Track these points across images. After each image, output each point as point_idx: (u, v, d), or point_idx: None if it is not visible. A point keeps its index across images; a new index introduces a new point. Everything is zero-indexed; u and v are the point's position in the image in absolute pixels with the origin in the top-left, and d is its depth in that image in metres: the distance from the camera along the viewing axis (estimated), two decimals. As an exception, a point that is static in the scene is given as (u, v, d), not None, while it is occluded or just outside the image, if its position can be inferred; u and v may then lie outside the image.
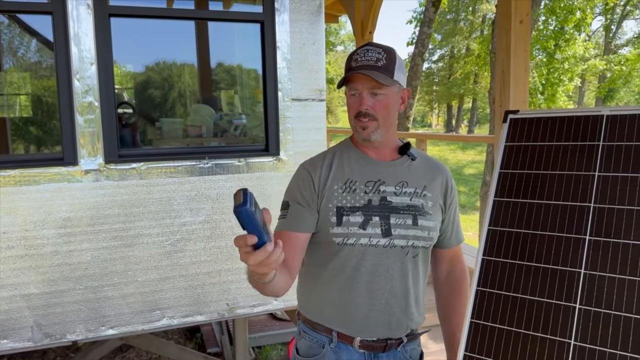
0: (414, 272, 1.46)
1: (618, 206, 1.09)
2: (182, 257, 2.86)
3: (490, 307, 1.15)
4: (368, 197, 1.42)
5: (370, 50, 1.40)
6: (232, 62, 4.29)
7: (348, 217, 1.40)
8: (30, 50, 3.36)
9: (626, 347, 0.99)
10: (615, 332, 1.01)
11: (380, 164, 1.48)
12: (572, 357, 1.04)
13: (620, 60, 21.63)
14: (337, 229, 1.41)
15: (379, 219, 1.41)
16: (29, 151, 3.80)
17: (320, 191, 1.44)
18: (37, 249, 2.60)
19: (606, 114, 1.19)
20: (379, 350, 1.46)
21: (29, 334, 2.64)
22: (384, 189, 1.44)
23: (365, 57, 1.38)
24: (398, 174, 1.47)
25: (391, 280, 1.43)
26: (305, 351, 1.53)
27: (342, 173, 1.46)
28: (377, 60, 1.37)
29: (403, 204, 1.43)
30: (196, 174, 2.84)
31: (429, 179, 1.50)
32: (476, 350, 1.13)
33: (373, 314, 1.44)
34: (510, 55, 3.43)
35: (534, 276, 1.12)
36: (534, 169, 1.21)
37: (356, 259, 1.42)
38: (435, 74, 34.37)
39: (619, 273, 1.05)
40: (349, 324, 1.45)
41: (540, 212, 1.17)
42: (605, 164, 1.14)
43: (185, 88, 4.37)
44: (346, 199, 1.42)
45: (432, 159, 1.59)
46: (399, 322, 1.46)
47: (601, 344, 1.02)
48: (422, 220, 1.44)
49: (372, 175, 1.46)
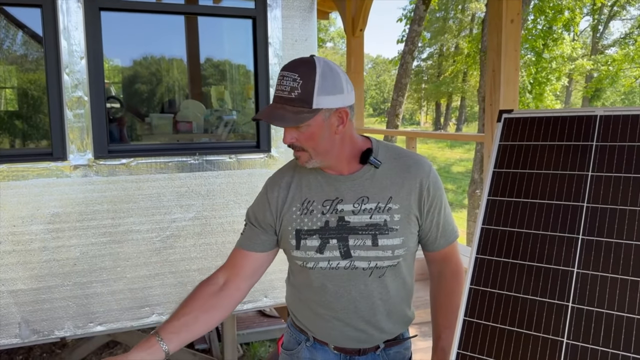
0: (382, 290, 1.39)
1: (611, 206, 1.10)
2: (172, 254, 2.84)
3: (484, 305, 1.16)
4: (325, 219, 1.34)
5: (285, 78, 1.23)
6: (222, 58, 4.27)
7: (305, 241, 1.35)
8: (17, 43, 3.31)
9: (618, 345, 1.00)
10: (607, 330, 1.02)
11: (339, 179, 1.37)
12: (565, 355, 1.05)
13: (607, 60, 21.85)
14: (296, 252, 1.37)
15: (336, 241, 1.33)
16: (15, 146, 3.75)
17: (279, 213, 1.39)
18: (25, 245, 2.57)
19: (600, 114, 1.19)
20: (355, 354, 1.45)
21: (16, 330, 2.61)
22: (341, 208, 1.34)
23: (280, 87, 1.24)
24: (357, 189, 1.35)
25: (354, 301, 1.38)
26: (286, 344, 1.57)
27: (300, 193, 1.39)
28: (291, 91, 1.22)
29: (362, 223, 1.33)
30: (186, 170, 2.83)
31: (396, 187, 1.36)
32: (469, 349, 1.14)
33: (341, 329, 1.42)
34: (501, 54, 3.45)
35: (527, 275, 1.13)
36: (528, 169, 1.22)
37: (319, 280, 1.39)
38: (424, 72, 34.48)
39: (611, 272, 1.05)
40: (320, 333, 1.46)
41: (534, 211, 1.17)
42: (598, 164, 1.14)
43: (175, 83, 4.34)
44: (304, 222, 1.36)
45: (407, 159, 1.41)
46: (369, 337, 1.43)
47: (593, 342, 1.03)
48: (383, 239, 1.33)
49: (329, 194, 1.36)
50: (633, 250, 1.05)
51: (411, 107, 41.14)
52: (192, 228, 2.87)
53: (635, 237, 1.06)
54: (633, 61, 19.30)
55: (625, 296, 1.03)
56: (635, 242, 1.06)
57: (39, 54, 2.60)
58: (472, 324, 1.16)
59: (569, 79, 25.33)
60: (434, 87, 32.77)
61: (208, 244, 2.90)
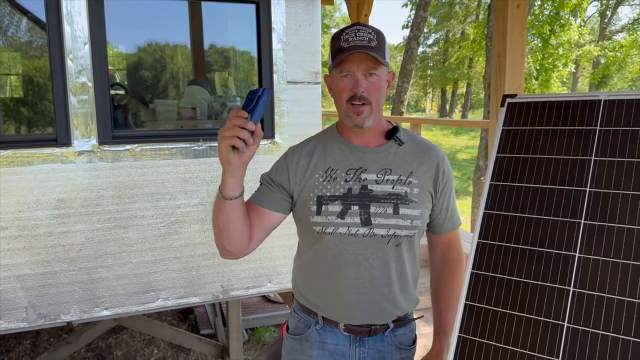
0: (398, 261, 1.43)
1: (613, 190, 1.10)
2: (177, 240, 2.86)
3: (485, 289, 1.16)
4: (348, 186, 1.40)
5: (361, 30, 1.34)
6: (226, 44, 4.25)
7: (327, 206, 1.39)
8: (21, 29, 3.31)
9: (618, 329, 1.01)
10: (607, 314, 1.03)
11: (364, 151, 1.44)
12: (565, 339, 1.05)
13: (615, 46, 21.63)
14: (316, 218, 1.40)
15: (358, 208, 1.38)
16: (20, 132, 3.77)
17: (299, 180, 1.43)
18: (30, 230, 2.59)
19: (604, 98, 1.19)
20: (364, 335, 1.47)
21: (23, 314, 2.64)
22: (365, 177, 1.41)
23: (357, 37, 1.32)
24: (382, 161, 1.43)
25: (371, 269, 1.41)
26: (293, 330, 1.56)
27: (323, 162, 1.44)
28: (370, 41, 1.32)
29: (384, 192, 1.40)
30: (190, 156, 2.83)
31: (416, 164, 1.44)
32: (470, 332, 1.15)
33: (355, 301, 1.43)
34: (506, 40, 3.41)
35: (529, 259, 1.13)
36: (531, 153, 1.22)
37: (336, 247, 1.41)
38: (430, 58, 34.24)
39: (612, 257, 1.06)
40: (332, 310, 1.46)
41: (537, 196, 1.17)
42: (601, 149, 1.14)
43: (179, 70, 4.34)
44: (326, 188, 1.40)
45: (424, 143, 1.51)
46: (382, 309, 1.46)
47: (594, 326, 1.03)
48: (404, 208, 1.39)
49: (354, 163, 1.42)
50: (635, 235, 1.05)
51: (417, 93, 40.93)
52: (197, 214, 2.88)
53: (638, 222, 1.06)
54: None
55: (627, 281, 1.03)
56: (637, 227, 1.06)
57: (43, 40, 2.60)
58: (474, 307, 1.17)
59: (576, 65, 25.10)
60: (439, 73, 32.56)
61: (212, 229, 2.91)
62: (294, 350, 1.54)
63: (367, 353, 1.48)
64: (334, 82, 1.38)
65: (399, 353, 1.51)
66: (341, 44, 1.33)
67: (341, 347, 1.48)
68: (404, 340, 1.53)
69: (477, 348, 1.12)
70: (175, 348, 4.91)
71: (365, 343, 1.48)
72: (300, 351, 1.51)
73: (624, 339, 1.00)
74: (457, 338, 1.16)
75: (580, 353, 1.02)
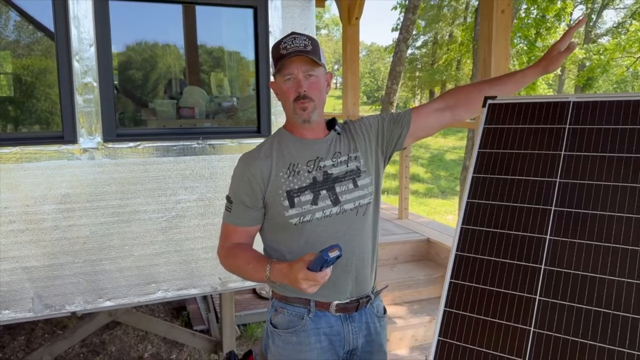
0: (366, 228, 1.62)
1: (580, 181, 1.25)
2: (177, 233, 2.98)
3: (468, 269, 1.31)
4: (312, 175, 1.57)
5: (297, 38, 1.52)
6: (223, 45, 4.37)
7: (299, 198, 1.54)
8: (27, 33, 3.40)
9: (582, 300, 1.16)
10: (573, 288, 1.18)
11: (316, 142, 1.61)
12: (537, 311, 1.20)
13: (599, 49, 22.02)
14: (291, 211, 1.54)
15: (326, 191, 1.56)
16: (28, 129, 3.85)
17: (265, 182, 1.56)
18: (37, 224, 2.70)
19: (573, 100, 1.34)
20: (352, 311, 1.63)
21: (29, 304, 2.75)
22: (323, 164, 1.59)
23: (294, 44, 1.50)
24: (331, 147, 1.62)
25: (350, 241, 1.58)
26: (285, 325, 1.63)
27: (283, 160, 1.58)
28: (305, 46, 1.50)
29: (342, 172, 1.59)
30: (190, 154, 2.96)
31: (350, 139, 1.64)
32: (454, 306, 1.29)
33: (342, 275, 1.58)
34: (491, 44, 3.58)
35: (506, 242, 1.29)
36: (509, 149, 1.37)
37: (315, 233, 1.56)
38: (419, 60, 34.53)
39: (578, 238, 1.21)
40: (323, 291, 1.55)
41: (513, 186, 1.33)
42: (570, 144, 1.30)
43: (178, 71, 4.44)
44: (293, 182, 1.56)
45: (348, 122, 1.72)
46: (364, 277, 1.64)
47: (562, 298, 1.19)
48: (360, 180, 1.60)
49: (310, 155, 1.59)
50: (598, 219, 1.21)
51: (405, 95, 41.23)
52: (196, 209, 3.01)
53: (601, 207, 1.21)
54: (624, 50, 19.47)
55: (590, 258, 1.18)
56: (600, 212, 1.21)
57: (49, 42, 2.71)
58: (458, 285, 1.31)
59: (562, 68, 25.49)
60: (427, 75, 32.84)
61: (211, 224, 3.04)
62: (289, 343, 1.62)
63: (357, 326, 1.65)
64: (279, 86, 1.56)
65: (378, 321, 1.71)
66: (280, 51, 1.51)
67: (335, 328, 1.62)
68: (380, 310, 1.74)
69: (460, 321, 1.28)
70: (169, 344, 5.00)
71: (354, 318, 1.64)
72: (298, 342, 1.61)
73: (588, 309, 1.15)
74: (442, 312, 1.31)
75: (549, 321, 1.17)
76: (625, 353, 1.07)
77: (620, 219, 1.18)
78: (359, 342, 1.65)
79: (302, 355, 1.59)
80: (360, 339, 1.65)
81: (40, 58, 3.17)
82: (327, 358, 1.61)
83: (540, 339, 1.17)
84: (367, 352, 1.68)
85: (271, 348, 1.66)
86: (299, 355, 1.59)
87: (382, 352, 1.72)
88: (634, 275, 1.12)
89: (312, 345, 1.60)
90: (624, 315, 1.10)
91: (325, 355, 1.61)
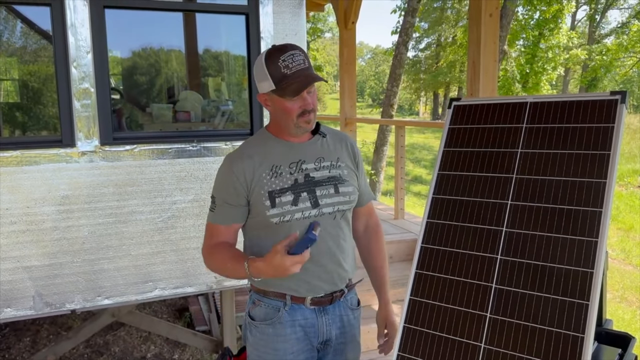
0: (341, 232, 1.69)
1: (534, 176, 1.34)
2: (173, 233, 3.08)
3: (431, 260, 1.40)
4: (294, 177, 1.61)
5: (295, 55, 1.51)
6: (219, 50, 4.47)
7: (280, 198, 1.59)
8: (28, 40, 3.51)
9: (534, 287, 1.24)
10: (526, 276, 1.26)
11: (300, 145, 1.66)
12: (493, 298, 1.29)
13: (602, 50, 22.02)
14: (272, 211, 1.60)
15: (306, 194, 1.60)
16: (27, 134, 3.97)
17: (249, 182, 1.60)
18: (37, 225, 2.81)
19: (530, 101, 1.43)
20: (327, 304, 1.71)
21: (30, 303, 2.86)
22: (305, 167, 1.63)
23: (295, 62, 1.51)
24: (315, 152, 1.66)
25: (326, 242, 1.63)
26: (262, 317, 1.70)
27: (266, 161, 1.62)
28: (305, 62, 1.53)
29: (324, 176, 1.64)
30: (186, 156, 3.06)
31: (338, 150, 1.70)
32: (419, 295, 1.38)
33: (317, 274, 1.66)
34: (480, 47, 3.66)
35: (467, 234, 1.37)
36: (471, 147, 1.46)
37: (294, 232, 1.61)
38: (422, 62, 34.58)
39: (532, 229, 1.29)
40: (298, 288, 1.67)
41: (474, 182, 1.41)
42: (526, 142, 1.38)
43: (174, 75, 4.55)
44: (275, 183, 1.60)
45: (337, 132, 1.78)
46: (340, 275, 1.70)
47: (516, 285, 1.27)
48: (342, 187, 1.65)
49: (293, 157, 1.64)
50: (549, 211, 1.29)
51: (410, 97, 41.29)
52: (191, 209, 3.10)
53: (552, 200, 1.30)
54: (627, 50, 19.48)
55: (541, 248, 1.27)
56: (552, 205, 1.29)
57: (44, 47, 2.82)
58: (422, 275, 1.40)
59: (566, 68, 25.49)
60: (431, 77, 32.90)
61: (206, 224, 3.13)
62: (265, 334, 1.70)
63: (330, 319, 1.72)
64: (279, 102, 1.56)
65: (352, 313, 1.78)
66: (282, 70, 1.50)
67: (310, 320, 1.70)
68: (354, 302, 1.81)
69: (424, 308, 1.36)
70: (171, 344, 5.08)
71: (328, 311, 1.71)
72: (274, 333, 1.69)
73: (540, 295, 1.24)
74: (408, 301, 1.40)
75: (504, 307, 1.26)
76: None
77: (570, 210, 1.27)
78: (333, 333, 1.72)
79: (278, 345, 1.67)
80: (334, 330, 1.72)
81: (47, 64, 3.28)
82: (302, 348, 1.69)
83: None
84: (341, 343, 1.75)
85: (249, 339, 1.74)
86: (275, 345, 1.67)
87: (355, 342, 1.79)
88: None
89: (287, 337, 1.68)
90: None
91: (300, 345, 1.68)
